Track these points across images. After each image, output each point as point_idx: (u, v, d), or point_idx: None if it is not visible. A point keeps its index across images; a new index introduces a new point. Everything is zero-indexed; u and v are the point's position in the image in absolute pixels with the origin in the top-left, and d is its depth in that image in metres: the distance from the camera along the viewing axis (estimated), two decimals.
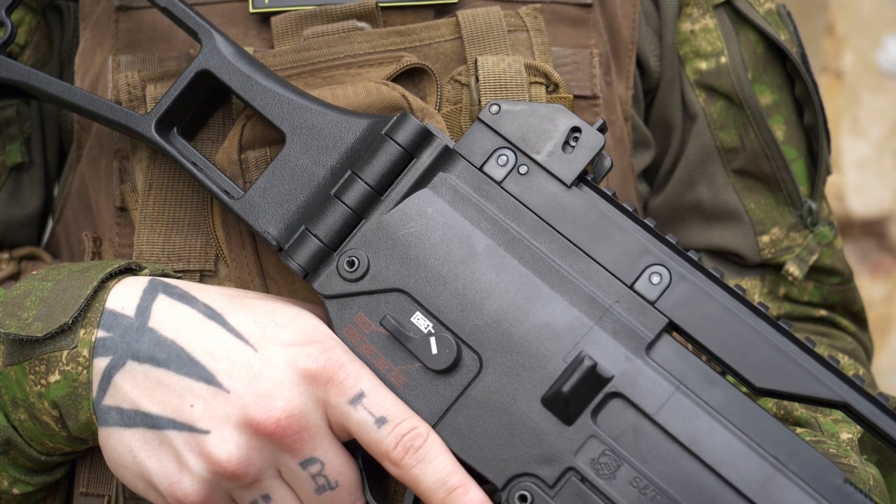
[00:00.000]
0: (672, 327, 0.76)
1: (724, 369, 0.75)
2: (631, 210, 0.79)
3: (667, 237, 0.78)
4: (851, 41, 2.42)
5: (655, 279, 0.77)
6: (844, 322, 1.08)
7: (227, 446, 0.75)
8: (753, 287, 1.03)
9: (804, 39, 1.06)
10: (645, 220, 0.78)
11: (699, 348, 0.76)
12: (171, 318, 0.78)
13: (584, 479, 0.74)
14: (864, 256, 2.54)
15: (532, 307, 0.77)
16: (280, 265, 0.86)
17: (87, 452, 0.88)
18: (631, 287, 0.77)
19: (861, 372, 1.01)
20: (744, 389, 0.76)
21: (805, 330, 1.05)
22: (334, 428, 0.77)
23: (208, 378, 0.76)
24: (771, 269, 1.04)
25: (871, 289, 2.50)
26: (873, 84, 2.45)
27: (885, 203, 2.46)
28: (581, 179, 0.79)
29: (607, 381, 0.75)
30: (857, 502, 0.71)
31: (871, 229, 2.50)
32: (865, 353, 1.09)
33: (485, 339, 0.77)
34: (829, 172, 1.06)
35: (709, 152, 1.02)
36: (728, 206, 1.03)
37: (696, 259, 0.77)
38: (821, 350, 1.00)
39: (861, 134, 2.45)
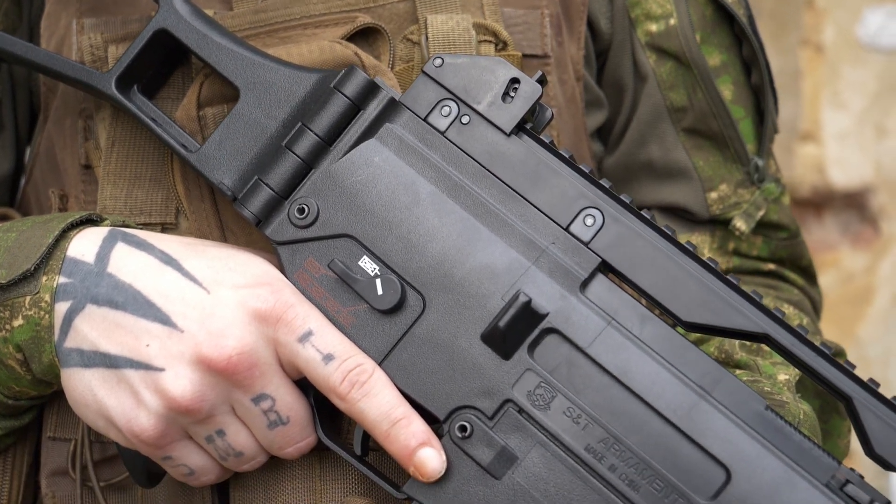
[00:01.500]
0: (605, 266, 0.80)
1: (654, 305, 0.79)
2: (567, 157, 0.82)
3: (601, 181, 0.81)
4: (831, 14, 2.44)
5: (589, 221, 0.80)
6: (793, 276, 1.10)
7: (181, 382, 0.78)
8: (703, 242, 1.06)
9: (784, 13, 1.09)
10: (580, 166, 0.82)
11: (630, 285, 0.79)
12: (129, 264, 0.81)
13: (521, 410, 0.78)
14: (846, 228, 2.56)
15: (473, 249, 0.80)
16: (238, 217, 0.89)
17: (54, 398, 0.91)
18: (566, 229, 0.80)
19: (805, 321, 1.04)
20: (674, 325, 0.80)
21: (753, 283, 1.07)
22: (285, 366, 0.80)
23: (163, 319, 0.79)
24: (720, 224, 1.06)
25: (852, 260, 2.52)
26: (853, 57, 2.47)
27: (865, 175, 2.48)
28: (521, 128, 0.83)
29: (543, 317, 0.78)
30: (778, 427, 0.75)
31: (852, 201, 2.52)
32: (813, 305, 1.11)
33: (428, 280, 0.80)
34: (776, 131, 1.09)
35: (659, 112, 1.04)
36: (678, 164, 1.05)
37: (627, 202, 0.80)
38: (766, 302, 1.04)
39: (841, 106, 2.47)
